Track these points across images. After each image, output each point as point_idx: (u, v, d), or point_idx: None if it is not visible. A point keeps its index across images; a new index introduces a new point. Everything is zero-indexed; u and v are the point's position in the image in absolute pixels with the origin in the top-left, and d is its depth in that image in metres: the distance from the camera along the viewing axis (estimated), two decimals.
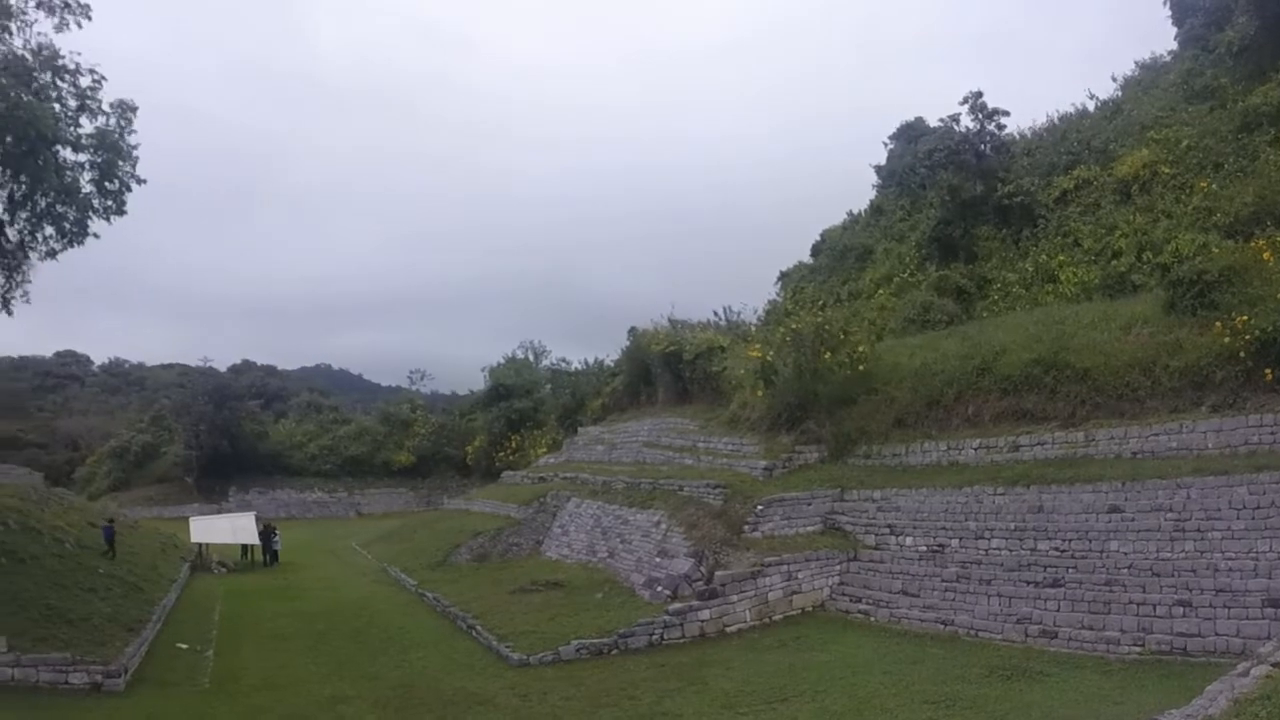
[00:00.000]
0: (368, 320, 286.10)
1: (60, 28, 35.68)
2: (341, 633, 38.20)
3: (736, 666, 27.44)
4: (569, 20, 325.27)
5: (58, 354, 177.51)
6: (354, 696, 28.02)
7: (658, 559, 37.49)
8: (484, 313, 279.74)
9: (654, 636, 31.32)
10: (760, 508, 36.53)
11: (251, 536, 64.61)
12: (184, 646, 35.99)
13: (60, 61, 35.49)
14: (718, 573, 33.56)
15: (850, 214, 71.19)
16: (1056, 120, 61.48)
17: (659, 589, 34.77)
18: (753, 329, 55.54)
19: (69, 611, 34.02)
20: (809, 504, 36.87)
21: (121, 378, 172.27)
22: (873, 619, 31.20)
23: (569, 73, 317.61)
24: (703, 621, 31.90)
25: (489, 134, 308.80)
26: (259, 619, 42.81)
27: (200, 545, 63.15)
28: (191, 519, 69.59)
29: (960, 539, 31.45)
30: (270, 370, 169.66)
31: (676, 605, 32.41)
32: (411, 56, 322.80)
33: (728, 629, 31.93)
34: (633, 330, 68.93)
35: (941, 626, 28.87)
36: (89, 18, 36.04)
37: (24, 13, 34.81)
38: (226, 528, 66.31)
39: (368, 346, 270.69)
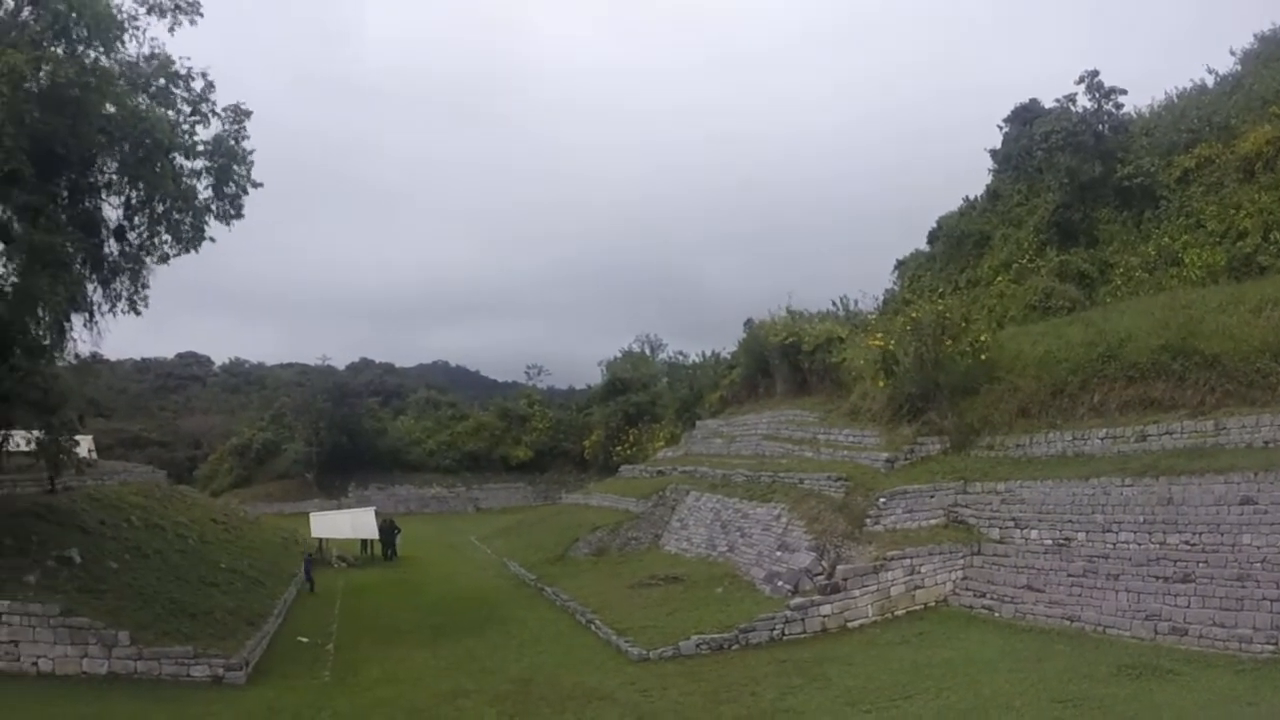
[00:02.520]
0: (481, 316, 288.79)
1: (173, 28, 37.21)
2: (460, 627, 39.35)
3: (858, 663, 27.63)
4: (653, 21, 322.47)
5: (179, 355, 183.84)
6: (473, 691, 28.95)
7: (778, 553, 37.84)
8: (596, 307, 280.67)
9: (775, 631, 31.74)
10: (882, 500, 36.64)
11: (371, 531, 66.32)
12: (305, 640, 37.49)
13: (173, 67, 37.08)
14: (839, 567, 33.80)
15: (966, 200, 70.36)
16: (1175, 97, 60.00)
17: (780, 583, 35.13)
18: (872, 319, 55.28)
19: (191, 605, 35.73)
20: (931, 496, 36.84)
21: (241, 377, 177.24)
22: (997, 615, 31.10)
23: (657, 73, 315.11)
24: (824, 616, 32.21)
25: (583, 137, 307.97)
26: (379, 613, 44.32)
27: (320, 540, 64.88)
28: (312, 515, 72.14)
29: (1087, 532, 31.13)
30: (388, 368, 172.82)
31: (798, 600, 32.74)
32: (496, 59, 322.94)
33: (849, 624, 32.21)
34: (750, 322, 69.22)
35: (1067, 623, 28.68)
36: (200, 14, 37.68)
37: (136, 19, 36.44)
38: (346, 523, 68.21)
39: (484, 343, 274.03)
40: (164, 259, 39.92)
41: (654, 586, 40.20)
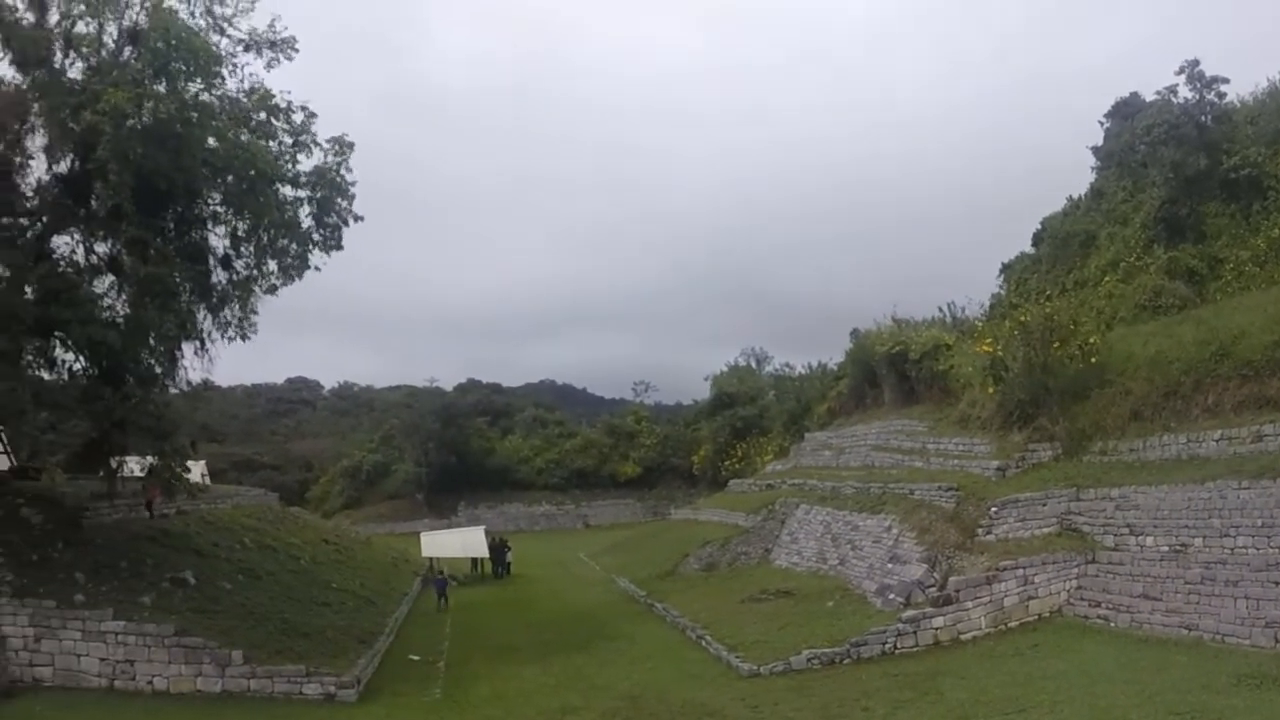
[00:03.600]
0: (584, 331, 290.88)
1: (271, 65, 38.60)
2: (570, 644, 39.70)
3: (971, 676, 27.23)
4: (727, 21, 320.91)
5: (289, 380, 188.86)
6: (582, 708, 29.26)
7: (889, 565, 37.69)
8: (697, 320, 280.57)
9: (887, 645, 31.50)
10: (994, 509, 36.19)
11: (481, 550, 67.22)
12: (416, 658, 38.16)
13: (273, 101, 38.24)
14: (951, 578, 33.48)
15: (1070, 199, 69.15)
16: (1278, 84, 58.32)
17: (891, 596, 34.98)
18: (978, 324, 54.69)
19: (304, 625, 36.76)
20: (1044, 504, 36.25)
21: (350, 400, 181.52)
22: (1112, 624, 30.37)
23: (733, 75, 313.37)
24: (937, 629, 31.90)
25: (666, 142, 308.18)
26: (489, 630, 44.86)
27: (431, 559, 65.91)
28: (422, 534, 73.20)
29: (1204, 537, 30.26)
30: (495, 388, 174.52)
31: (910, 612, 32.50)
32: (566, 71, 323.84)
33: (962, 636, 31.81)
34: (856, 332, 69.00)
35: (1185, 631, 27.92)
36: (296, 49, 38.89)
37: (234, 56, 37.81)
38: (456, 542, 69.13)
39: (589, 358, 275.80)
40: (272, 289, 41.30)
41: (764, 601, 40.24)
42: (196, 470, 45.82)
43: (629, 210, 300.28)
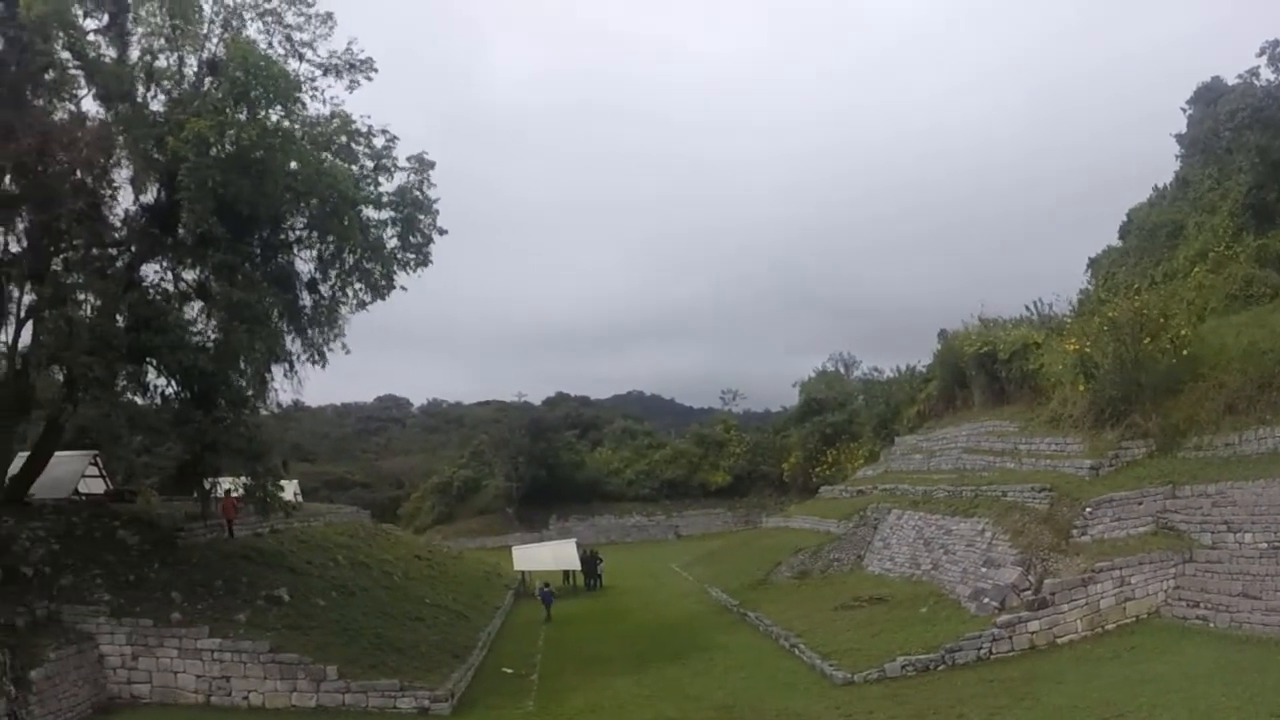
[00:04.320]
0: (668, 341, 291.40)
1: (351, 87, 39.44)
2: (663, 654, 39.77)
3: (1068, 680, 26.91)
4: (786, 28, 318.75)
5: (378, 399, 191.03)
6: (677, 718, 29.48)
7: (983, 569, 37.36)
8: (783, 328, 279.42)
9: (982, 650, 31.20)
10: (1088, 510, 35.72)
11: (573, 562, 67.58)
12: (509, 671, 38.50)
13: (354, 125, 39.05)
14: (1046, 581, 33.10)
15: (1155, 189, 68.05)
16: None
17: (986, 600, 34.68)
18: (1067, 321, 53.85)
19: (397, 640, 37.35)
20: (1139, 503, 35.66)
21: (439, 417, 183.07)
22: (1212, 625, 29.72)
23: (795, 80, 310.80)
24: (1032, 633, 31.53)
25: (735, 154, 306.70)
26: (582, 642, 45.11)
27: (524, 573, 66.48)
28: (514, 548, 73.65)
29: None
30: (584, 400, 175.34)
31: (1005, 617, 32.18)
32: (635, 93, 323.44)
33: (1058, 640, 31.39)
34: (943, 333, 68.48)
35: None
36: (375, 71, 39.76)
37: (313, 80, 38.79)
38: (548, 555, 69.58)
39: (677, 370, 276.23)
40: (361, 305, 42.20)
41: (858, 608, 40.05)
42: (289, 489, 46.72)
43: (702, 221, 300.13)
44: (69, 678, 29.83)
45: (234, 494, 41.15)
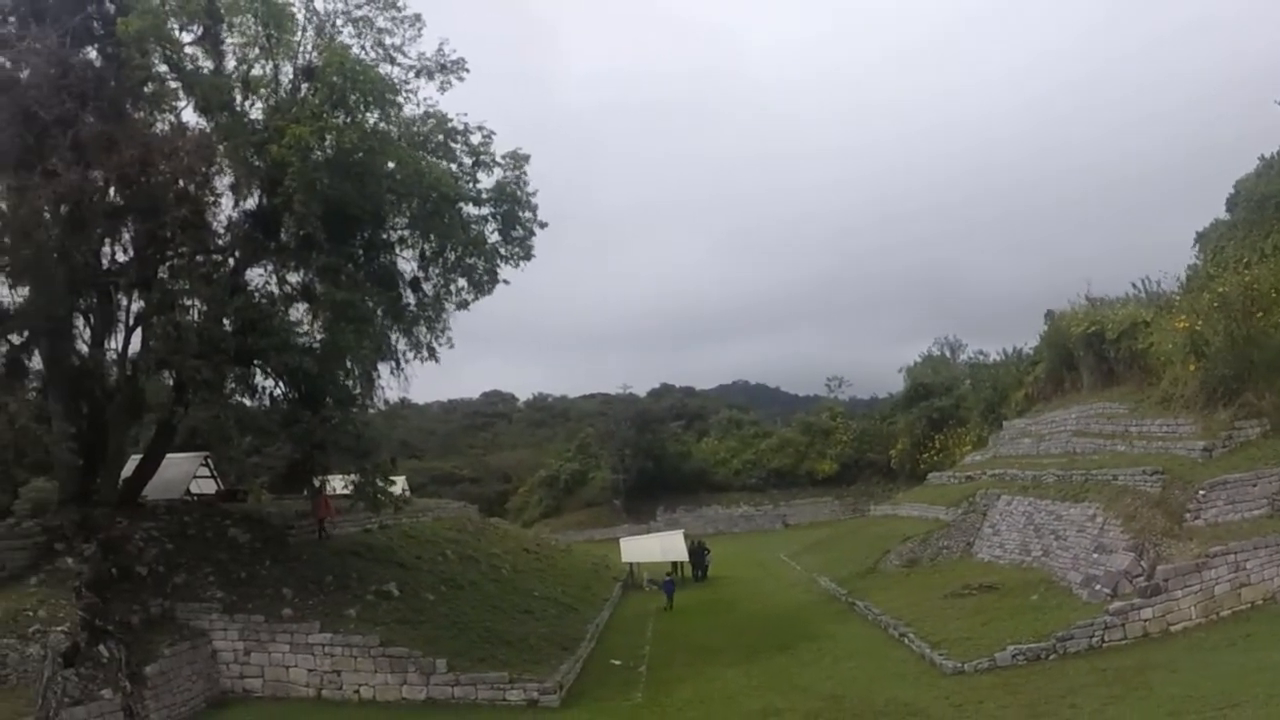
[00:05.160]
0: (770, 331, 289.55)
1: (443, 88, 39.83)
2: (771, 644, 39.53)
3: (1182, 669, 26.06)
4: (853, 14, 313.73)
5: (484, 395, 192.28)
6: (785, 709, 29.15)
7: (1094, 555, 36.56)
8: (886, 313, 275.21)
9: (1094, 639, 30.42)
10: (1201, 493, 34.70)
11: (680, 554, 67.39)
12: (617, 663, 38.56)
13: (450, 123, 39.41)
14: (1159, 567, 32.22)
15: (1262, 159, 65.68)
16: None
17: (1097, 587, 33.94)
18: (1176, 299, 52.34)
19: (506, 633, 37.60)
20: (1254, 485, 34.48)
21: (545, 411, 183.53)
22: None
23: (882, 64, 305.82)
24: (1145, 620, 30.65)
25: (814, 143, 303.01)
26: (690, 633, 44.99)
27: (631, 564, 66.63)
28: (621, 540, 73.87)
29: None
30: (689, 391, 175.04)
31: (1117, 604, 31.40)
32: (701, 78, 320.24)
33: (1171, 628, 30.47)
34: (1049, 314, 67.02)
35: None
36: (467, 71, 40.00)
37: (407, 83, 39.16)
38: (656, 547, 69.38)
39: (781, 358, 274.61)
40: (463, 304, 42.67)
41: (967, 596, 39.43)
42: (398, 486, 47.32)
43: (796, 210, 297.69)
44: (183, 673, 30.75)
45: (328, 494, 41.88)
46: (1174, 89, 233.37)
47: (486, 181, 41.26)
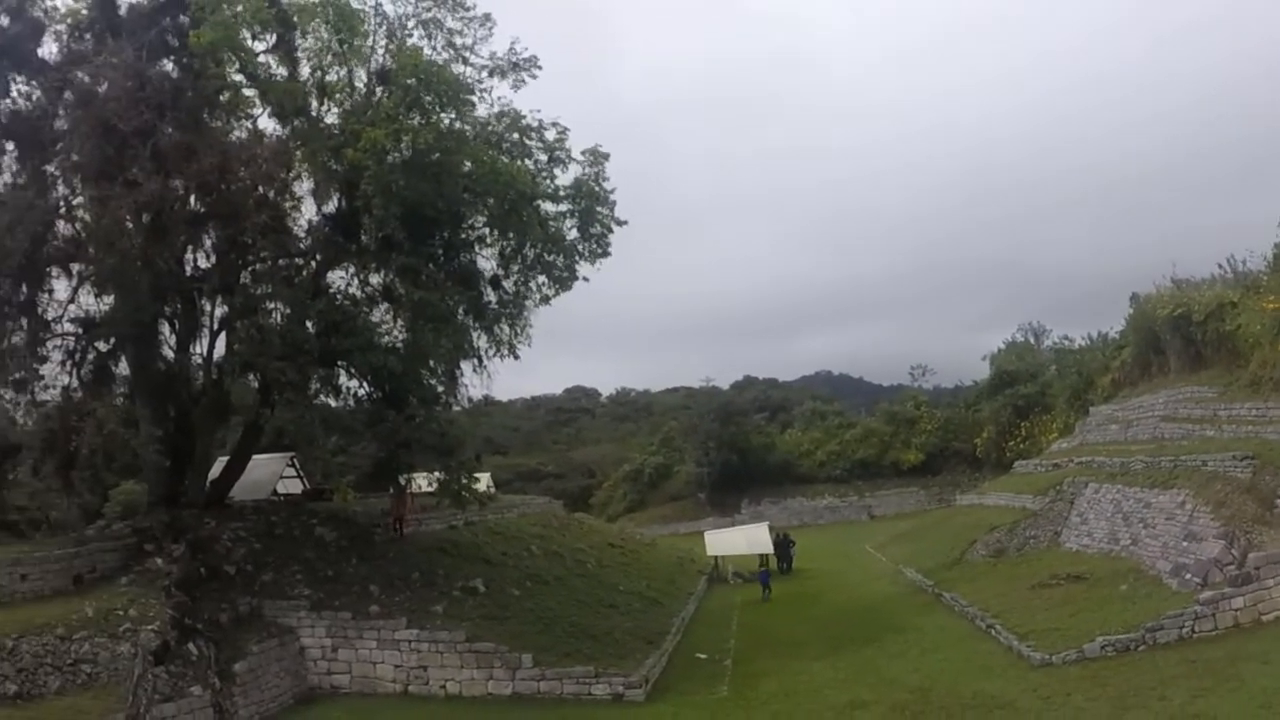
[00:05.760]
0: (855, 322, 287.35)
1: (516, 86, 39.75)
2: (857, 637, 39.07)
3: (1274, 661, 25.02)
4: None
5: (567, 390, 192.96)
6: (871, 702, 28.74)
7: (1184, 543, 35.64)
8: (968, 300, 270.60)
9: (1184, 629, 29.37)
10: None
11: (766, 546, 66.85)
12: (703, 656, 38.24)
13: (524, 121, 39.34)
14: (1250, 554, 31.22)
15: None
16: None
17: (1187, 576, 33.04)
18: (1263, 278, 50.82)
19: (591, 627, 37.47)
20: None
21: (628, 406, 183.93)
22: None
23: (951, 44, 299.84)
24: (1236, 610, 29.58)
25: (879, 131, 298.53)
26: (775, 626, 44.61)
27: (716, 558, 66.28)
28: (706, 533, 73.27)
29: None
30: (772, 383, 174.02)
31: (1207, 594, 30.45)
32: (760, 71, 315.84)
33: (1263, 618, 29.23)
34: (1134, 297, 65.69)
35: None
36: (539, 68, 39.96)
37: (481, 82, 39.13)
38: (741, 540, 68.94)
39: (864, 348, 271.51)
40: (545, 299, 42.70)
41: (1055, 586, 38.64)
42: (483, 482, 47.51)
43: (872, 199, 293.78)
44: (271, 669, 31.16)
45: (407, 492, 42.09)
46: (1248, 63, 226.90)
47: (564, 178, 41.21)
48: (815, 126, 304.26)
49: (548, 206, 41.00)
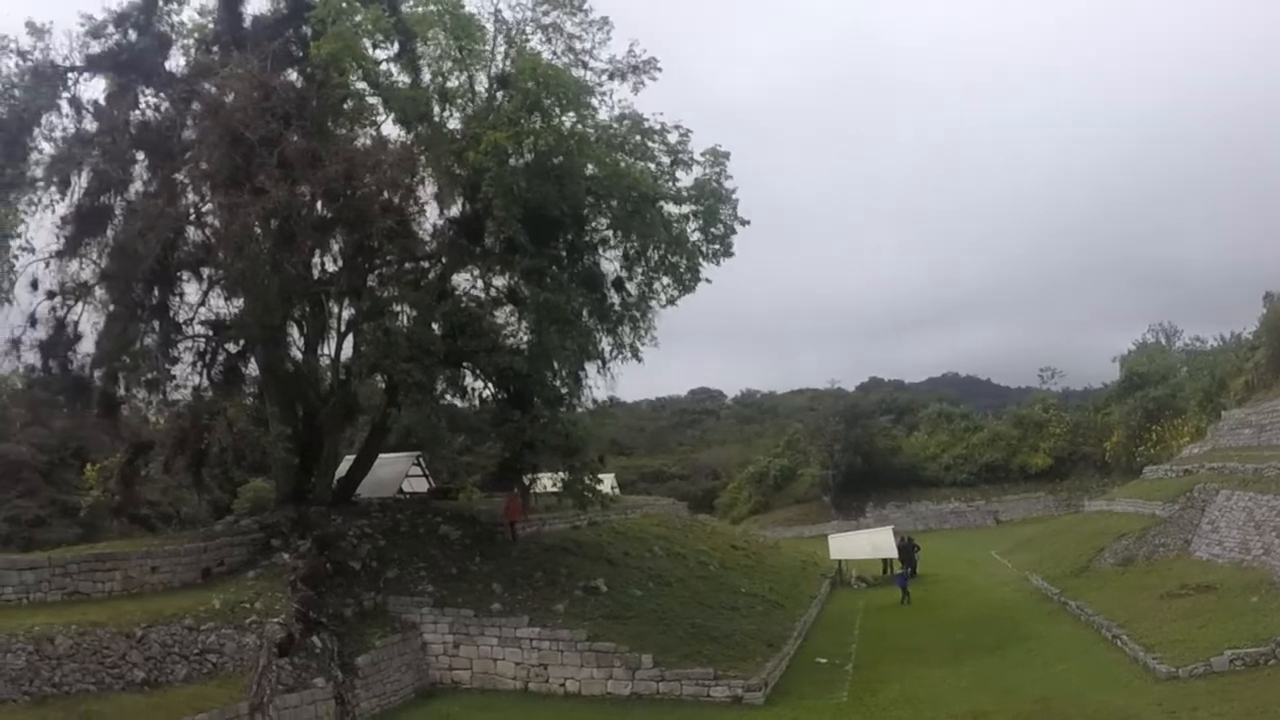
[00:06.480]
0: (982, 322, 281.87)
1: (636, 89, 39.63)
2: (981, 645, 37.90)
3: None
4: None
5: (691, 392, 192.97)
6: (992, 711, 27.75)
7: None
8: (1097, 301, 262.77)
9: None
10: None
11: (890, 551, 65.62)
12: (824, 661, 37.42)
13: (646, 123, 39.12)
14: None
15: None
16: None
17: None
18: None
19: (712, 629, 36.81)
20: None
21: (753, 407, 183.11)
22: None
23: (1072, 37, 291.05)
24: None
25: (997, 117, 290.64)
26: (898, 632, 43.53)
27: (840, 562, 65.22)
28: (830, 536, 72.04)
29: None
30: (898, 385, 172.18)
31: None
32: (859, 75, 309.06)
33: None
34: (1268, 296, 63.16)
35: None
36: (659, 69, 39.65)
37: (600, 85, 39.06)
38: (865, 543, 67.70)
39: (992, 349, 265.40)
40: (670, 300, 42.50)
41: (1183, 596, 37.02)
42: (606, 483, 47.37)
43: (997, 193, 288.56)
44: (393, 664, 31.35)
45: (520, 497, 41.85)
46: None
47: (685, 180, 40.95)
48: (943, 120, 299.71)
49: (670, 208, 40.90)
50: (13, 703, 22.29)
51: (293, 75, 38.36)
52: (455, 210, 39.47)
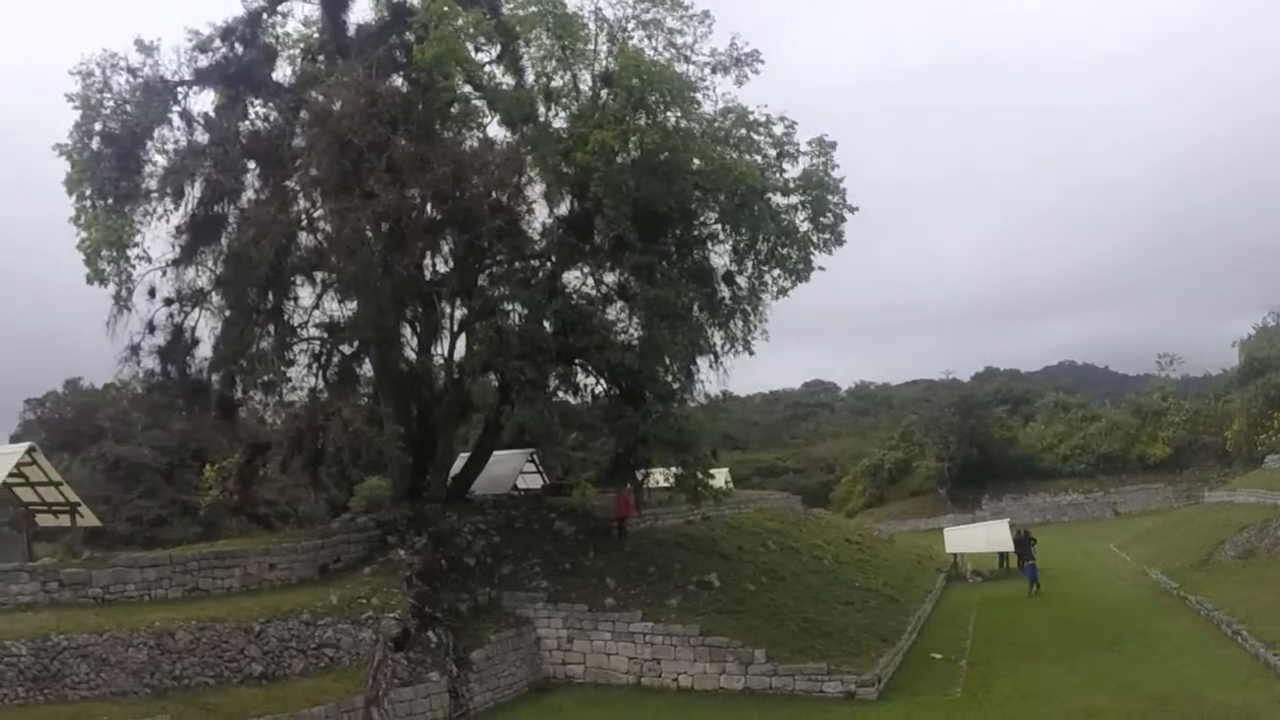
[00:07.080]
0: (1098, 309, 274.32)
1: (740, 81, 39.24)
2: (1097, 640, 36.60)
3: None
4: None
5: (805, 385, 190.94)
6: (1107, 709, 26.70)
7: None
8: (1219, 283, 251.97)
9: None
10: None
11: (1006, 544, 64.08)
12: (938, 656, 36.46)
13: (751, 116, 38.67)
14: None
15: None
16: None
17: None
18: None
19: (826, 624, 36.09)
20: None
21: (868, 399, 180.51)
22: None
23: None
24: None
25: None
26: (1013, 627, 42.31)
27: (955, 555, 63.86)
28: (945, 529, 70.84)
29: None
30: (1013, 374, 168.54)
31: None
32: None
33: None
34: None
35: None
36: (762, 62, 39.24)
37: (704, 80, 38.76)
38: (980, 537, 66.13)
39: (1109, 336, 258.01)
40: (782, 292, 42.01)
41: None
42: (719, 478, 46.86)
43: (1112, 175, 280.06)
44: (507, 658, 31.32)
45: (628, 494, 41.45)
46: None
47: (792, 171, 40.37)
48: (1056, 104, 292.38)
49: (778, 199, 40.30)
50: (134, 695, 22.70)
51: (398, 81, 38.59)
52: (563, 209, 39.51)
